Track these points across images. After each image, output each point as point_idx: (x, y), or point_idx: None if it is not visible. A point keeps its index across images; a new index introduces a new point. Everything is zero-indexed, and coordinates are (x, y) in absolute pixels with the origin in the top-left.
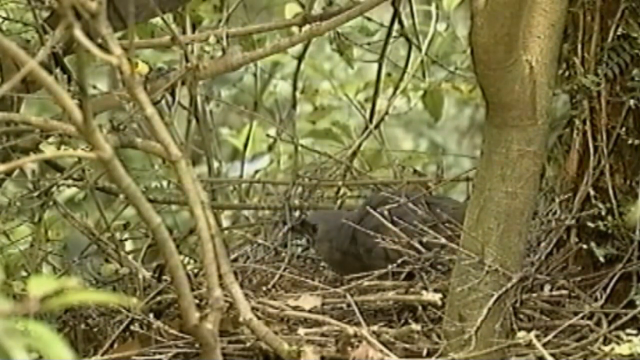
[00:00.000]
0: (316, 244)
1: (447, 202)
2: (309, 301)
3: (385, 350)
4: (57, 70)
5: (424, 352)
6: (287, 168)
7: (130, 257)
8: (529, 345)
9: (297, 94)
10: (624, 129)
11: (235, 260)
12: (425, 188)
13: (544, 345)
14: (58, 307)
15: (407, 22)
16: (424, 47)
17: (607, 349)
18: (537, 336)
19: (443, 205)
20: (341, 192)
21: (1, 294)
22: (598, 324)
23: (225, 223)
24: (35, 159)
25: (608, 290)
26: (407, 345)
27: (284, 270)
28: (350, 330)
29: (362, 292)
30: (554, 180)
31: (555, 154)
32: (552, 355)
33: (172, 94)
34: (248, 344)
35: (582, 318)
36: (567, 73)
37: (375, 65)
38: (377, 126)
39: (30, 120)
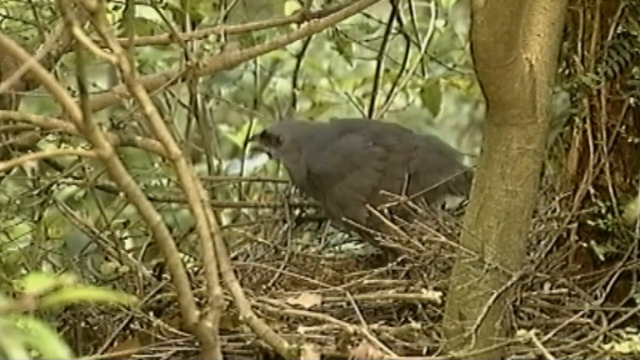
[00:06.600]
0: (282, 154)
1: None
2: (308, 299)
3: (385, 349)
4: (57, 68)
5: (424, 351)
6: None
7: (130, 255)
8: (529, 343)
9: (296, 91)
10: (623, 127)
11: (235, 258)
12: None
13: (544, 343)
14: (57, 304)
15: (405, 19)
16: (423, 45)
17: (607, 347)
18: (537, 334)
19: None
20: None
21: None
22: (598, 322)
23: (225, 221)
24: (35, 157)
25: (608, 289)
26: (407, 344)
27: (284, 268)
28: (350, 328)
29: (362, 291)
30: (554, 178)
31: (555, 152)
32: (552, 353)
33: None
34: (248, 342)
35: (582, 316)
36: (567, 71)
37: (374, 62)
38: None
39: (31, 118)
